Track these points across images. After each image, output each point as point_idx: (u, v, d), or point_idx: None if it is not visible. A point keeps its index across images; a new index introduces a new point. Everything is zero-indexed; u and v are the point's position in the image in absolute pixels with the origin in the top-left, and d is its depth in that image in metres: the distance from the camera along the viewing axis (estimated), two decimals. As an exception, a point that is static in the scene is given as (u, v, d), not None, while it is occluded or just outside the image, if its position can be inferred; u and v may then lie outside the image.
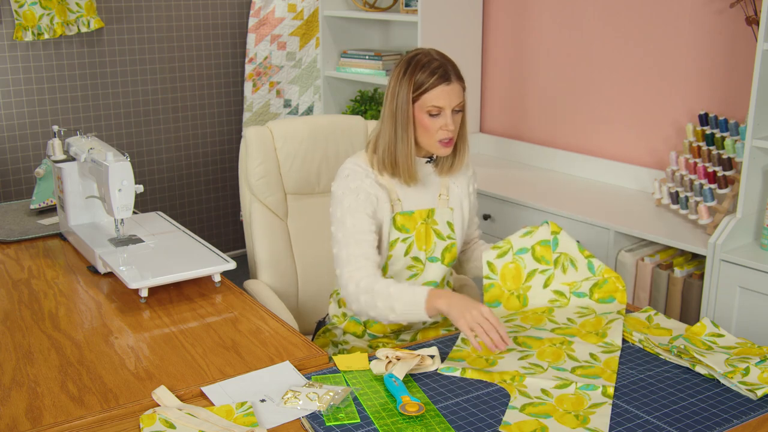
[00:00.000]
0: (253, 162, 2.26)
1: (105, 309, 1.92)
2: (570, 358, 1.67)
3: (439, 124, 1.86)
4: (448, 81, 1.84)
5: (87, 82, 3.87)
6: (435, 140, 1.88)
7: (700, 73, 2.88)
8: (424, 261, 1.97)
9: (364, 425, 1.42)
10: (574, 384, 1.55)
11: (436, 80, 1.83)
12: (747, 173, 2.39)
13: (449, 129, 1.85)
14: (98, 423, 1.44)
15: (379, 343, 2.03)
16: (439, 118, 1.85)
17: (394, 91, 1.88)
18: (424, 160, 1.97)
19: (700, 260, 2.64)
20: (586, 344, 1.73)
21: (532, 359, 1.66)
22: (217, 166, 4.41)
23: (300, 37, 4.24)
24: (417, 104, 1.86)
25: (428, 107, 1.84)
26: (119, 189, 2.05)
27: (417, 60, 1.86)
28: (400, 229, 1.93)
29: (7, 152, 3.72)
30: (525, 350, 1.71)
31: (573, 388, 1.55)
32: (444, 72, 1.84)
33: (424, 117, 1.86)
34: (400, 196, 1.95)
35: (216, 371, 1.61)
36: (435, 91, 1.83)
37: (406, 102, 1.85)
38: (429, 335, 2.03)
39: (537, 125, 3.53)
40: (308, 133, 2.32)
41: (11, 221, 2.56)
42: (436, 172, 1.99)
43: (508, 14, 3.55)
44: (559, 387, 1.55)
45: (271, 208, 2.30)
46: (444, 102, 1.84)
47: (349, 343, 2.06)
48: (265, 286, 2.24)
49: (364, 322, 2.02)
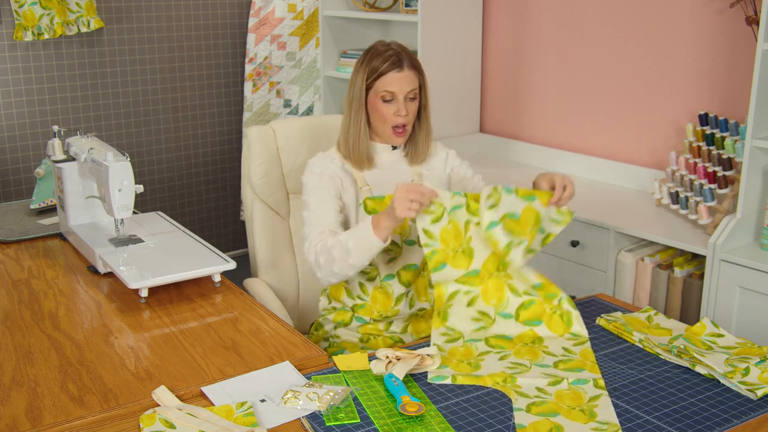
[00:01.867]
0: (255, 161, 2.26)
1: (105, 309, 1.92)
2: (547, 354, 1.70)
3: (392, 110, 1.94)
4: (400, 68, 1.93)
5: (87, 82, 3.87)
6: (389, 127, 1.96)
7: (700, 73, 2.88)
8: (401, 244, 2.00)
9: (364, 425, 1.42)
10: (566, 380, 1.57)
11: (389, 66, 1.93)
12: (747, 173, 2.39)
13: (401, 114, 1.94)
14: (98, 423, 1.44)
15: (369, 336, 2.04)
16: (392, 104, 1.94)
17: (352, 79, 2.00)
18: (388, 146, 2.04)
19: (700, 260, 2.64)
20: (555, 338, 1.78)
21: (511, 359, 1.68)
22: (217, 166, 4.41)
23: (300, 37, 4.24)
24: (372, 91, 1.96)
25: (381, 92, 1.94)
26: (119, 189, 2.05)
27: (374, 49, 1.98)
28: (371, 213, 1.96)
29: (7, 152, 3.72)
30: (501, 351, 1.73)
31: (566, 384, 1.56)
32: (397, 59, 1.94)
33: (378, 102, 1.95)
34: (368, 182, 2.00)
35: (216, 371, 1.61)
36: (387, 77, 1.93)
37: (360, 89, 1.96)
38: (421, 327, 2.05)
39: (537, 125, 3.53)
40: (310, 132, 2.32)
41: (11, 221, 2.56)
42: (407, 161, 2.06)
43: (508, 14, 3.55)
44: (553, 384, 1.56)
45: (273, 207, 2.31)
46: (396, 87, 1.93)
47: (340, 337, 2.07)
48: (265, 285, 2.24)
49: (351, 307, 2.04)
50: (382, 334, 2.05)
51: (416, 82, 1.96)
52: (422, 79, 2.00)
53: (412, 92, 1.95)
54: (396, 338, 2.05)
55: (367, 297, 2.02)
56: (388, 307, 2.01)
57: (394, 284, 2.00)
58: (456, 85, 3.58)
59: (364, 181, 2.01)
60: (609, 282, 2.71)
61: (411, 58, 1.97)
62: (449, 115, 3.60)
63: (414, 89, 1.95)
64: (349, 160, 2.02)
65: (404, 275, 2.01)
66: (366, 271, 2.01)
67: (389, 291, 2.01)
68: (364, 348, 2.05)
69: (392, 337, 2.05)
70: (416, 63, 1.98)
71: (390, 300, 2.01)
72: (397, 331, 2.05)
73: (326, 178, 1.98)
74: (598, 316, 1.91)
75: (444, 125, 3.53)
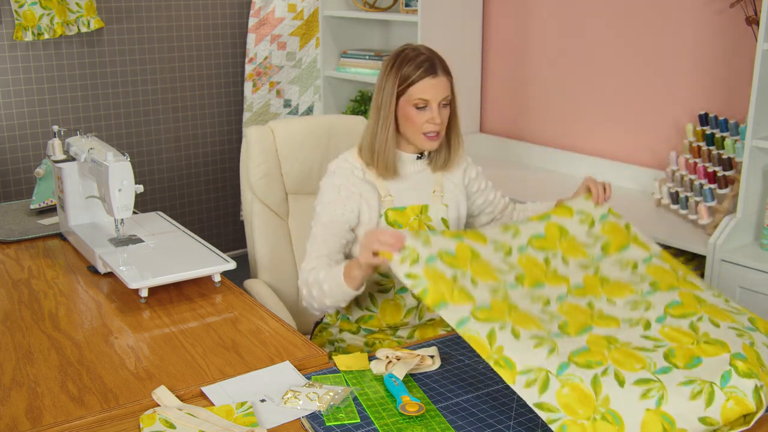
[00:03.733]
0: (254, 161, 2.26)
1: (105, 309, 1.92)
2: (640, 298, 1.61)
3: (425, 118, 1.87)
4: (434, 74, 1.86)
5: (87, 82, 3.87)
6: (420, 133, 1.89)
7: (700, 73, 2.88)
8: None
9: (364, 425, 1.42)
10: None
11: (422, 73, 1.85)
12: (747, 173, 2.39)
13: (435, 122, 1.87)
14: (98, 423, 1.44)
15: (375, 340, 2.02)
16: (426, 111, 1.87)
17: (380, 84, 1.90)
18: (413, 156, 1.98)
19: (700, 260, 2.64)
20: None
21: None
22: (217, 166, 4.41)
23: (300, 37, 4.24)
24: (403, 98, 1.87)
25: (414, 100, 1.86)
26: (119, 189, 2.05)
27: (404, 54, 1.89)
28: (392, 224, 1.93)
29: (7, 152, 3.72)
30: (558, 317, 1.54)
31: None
32: (430, 65, 1.86)
33: (411, 110, 1.87)
34: (391, 192, 1.95)
35: (216, 371, 1.61)
36: (421, 84, 1.85)
37: (390, 95, 1.88)
38: (428, 335, 2.03)
39: (537, 125, 3.53)
40: (309, 133, 2.32)
41: (11, 221, 2.56)
42: (430, 169, 2.00)
43: (508, 14, 3.55)
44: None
45: (272, 207, 2.30)
46: (430, 95, 1.86)
47: (346, 341, 2.06)
48: (265, 285, 2.24)
49: (357, 320, 2.02)
50: (388, 338, 2.02)
51: (449, 88, 1.90)
52: (453, 84, 1.93)
53: (445, 98, 1.89)
54: (402, 342, 2.02)
55: (376, 309, 1.99)
56: (397, 319, 1.99)
57: (407, 297, 1.98)
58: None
59: (387, 191, 1.95)
60: (609, 282, 2.71)
61: (443, 63, 1.90)
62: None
63: (448, 96, 1.89)
64: (372, 168, 1.95)
65: None
66: (380, 282, 1.97)
67: (401, 303, 1.98)
68: (369, 351, 2.03)
69: (399, 341, 2.02)
70: (448, 68, 1.91)
71: (400, 312, 1.99)
72: (403, 336, 2.03)
73: (344, 193, 1.91)
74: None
75: (444, 125, 3.53)
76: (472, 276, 1.55)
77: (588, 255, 1.76)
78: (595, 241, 1.80)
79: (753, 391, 1.34)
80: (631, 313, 1.58)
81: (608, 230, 1.83)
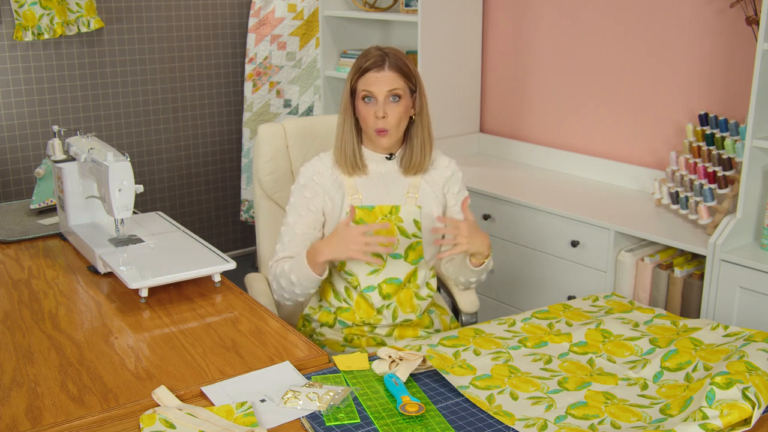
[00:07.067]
0: (264, 158, 2.27)
1: (105, 309, 1.92)
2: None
3: (372, 111, 1.90)
4: (380, 68, 1.89)
5: (87, 82, 3.87)
6: (371, 129, 1.93)
7: (700, 73, 2.88)
8: (385, 258, 1.97)
9: (364, 425, 1.42)
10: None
11: (369, 65, 1.90)
12: (747, 173, 2.39)
13: (379, 116, 1.89)
14: (98, 423, 1.44)
15: (353, 336, 2.03)
16: (372, 104, 1.90)
17: (345, 84, 1.97)
18: (382, 156, 2.01)
19: (700, 260, 2.64)
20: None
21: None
22: (217, 166, 4.41)
23: (300, 37, 4.24)
24: (356, 93, 1.93)
25: (361, 92, 1.91)
26: (119, 189, 2.05)
27: (365, 51, 1.94)
28: (358, 222, 1.94)
29: (7, 152, 3.72)
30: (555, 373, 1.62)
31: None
32: (380, 59, 1.90)
33: (360, 103, 1.92)
34: (360, 190, 1.97)
35: (216, 371, 1.61)
36: (366, 77, 1.90)
37: (348, 91, 1.94)
38: (407, 334, 2.03)
39: (537, 125, 3.53)
40: (320, 131, 2.33)
41: (11, 221, 2.56)
42: (401, 171, 2.02)
43: (508, 14, 3.55)
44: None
45: (280, 204, 2.32)
46: (374, 87, 1.89)
47: (325, 335, 2.07)
48: (263, 279, 2.23)
49: (336, 309, 2.04)
50: (365, 334, 2.03)
51: (399, 83, 1.89)
52: (412, 83, 1.93)
53: (391, 92, 1.88)
54: (379, 339, 2.03)
55: (351, 302, 2.01)
56: (371, 315, 2.00)
57: (374, 296, 1.99)
58: (456, 85, 3.58)
59: (355, 189, 1.97)
60: (609, 282, 2.71)
61: (398, 59, 1.90)
62: (449, 115, 3.60)
63: (394, 89, 1.88)
64: (339, 166, 1.99)
65: (385, 288, 1.99)
66: (347, 279, 2.00)
67: (369, 302, 2.00)
68: (346, 347, 2.03)
69: (375, 338, 2.03)
70: (403, 65, 1.90)
71: (372, 309, 2.00)
72: (381, 334, 2.03)
73: (308, 192, 1.98)
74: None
75: (444, 125, 3.53)
76: (474, 348, 1.71)
77: (591, 318, 1.87)
78: (599, 309, 1.94)
79: (741, 394, 1.37)
80: (629, 372, 1.63)
81: (612, 302, 1.99)
